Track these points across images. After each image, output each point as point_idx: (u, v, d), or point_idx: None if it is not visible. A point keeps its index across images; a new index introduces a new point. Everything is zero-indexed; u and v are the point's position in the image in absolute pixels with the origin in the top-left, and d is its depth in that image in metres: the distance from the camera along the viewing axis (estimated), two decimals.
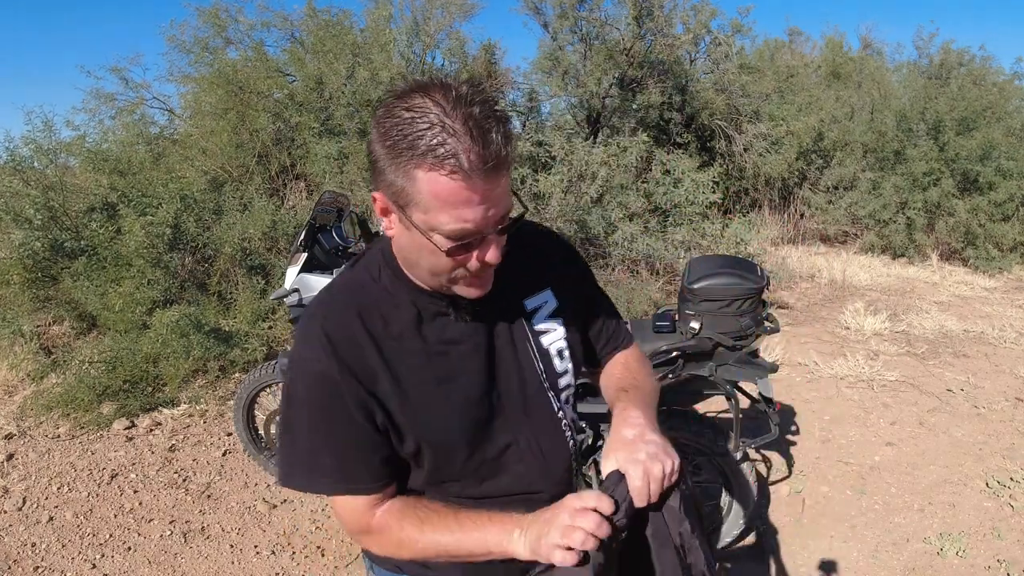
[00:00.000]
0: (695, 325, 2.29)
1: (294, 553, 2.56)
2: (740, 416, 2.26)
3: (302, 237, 2.72)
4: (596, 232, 5.34)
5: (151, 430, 3.46)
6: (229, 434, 3.41)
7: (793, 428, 3.59)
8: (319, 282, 2.61)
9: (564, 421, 1.01)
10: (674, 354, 2.31)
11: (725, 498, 2.43)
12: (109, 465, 3.10)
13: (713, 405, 3.34)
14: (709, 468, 2.37)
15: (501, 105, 0.77)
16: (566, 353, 1.02)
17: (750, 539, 2.64)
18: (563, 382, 1.01)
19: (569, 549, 0.74)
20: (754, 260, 4.77)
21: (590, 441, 1.10)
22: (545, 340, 1.00)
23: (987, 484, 3.03)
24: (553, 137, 5.88)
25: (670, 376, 2.30)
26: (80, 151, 5.13)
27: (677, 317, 2.39)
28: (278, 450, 0.93)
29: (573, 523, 0.75)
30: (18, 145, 4.59)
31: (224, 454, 3.25)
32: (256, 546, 2.59)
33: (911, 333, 5.32)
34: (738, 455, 2.29)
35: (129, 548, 2.56)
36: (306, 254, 2.69)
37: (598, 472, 1.01)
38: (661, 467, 0.82)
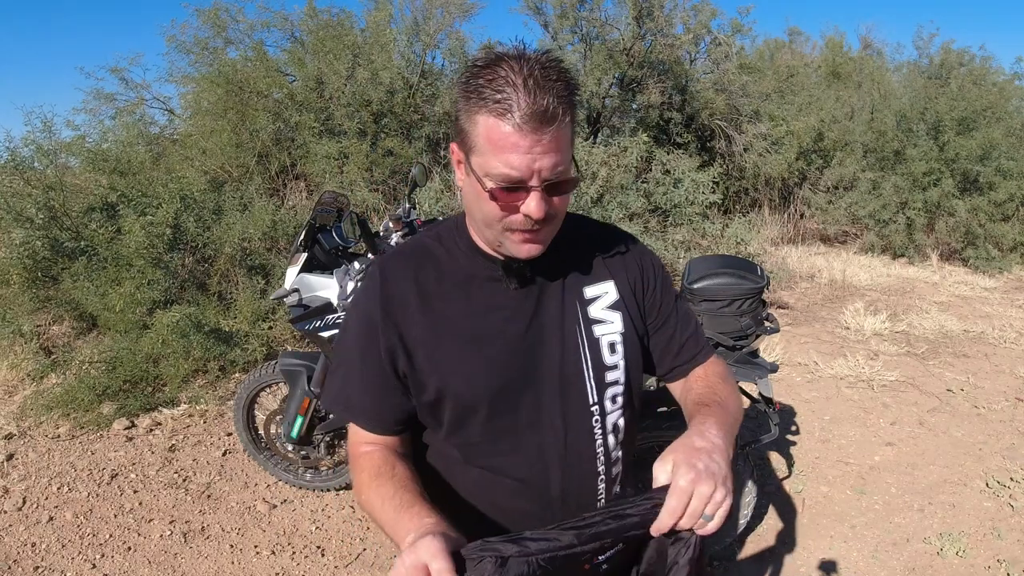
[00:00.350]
0: None
1: (294, 553, 2.56)
2: None
3: (302, 237, 2.71)
4: None
5: (151, 430, 3.46)
6: (229, 434, 3.41)
7: (793, 428, 3.59)
8: (319, 282, 2.61)
9: (596, 416, 0.97)
10: None
11: None
12: (109, 465, 3.10)
13: None
14: None
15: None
16: (619, 347, 0.99)
17: (750, 539, 2.64)
18: (610, 376, 0.98)
19: None
20: (754, 260, 4.77)
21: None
22: (598, 329, 0.98)
23: (987, 484, 3.03)
24: None
25: None
26: (80, 151, 5.13)
27: None
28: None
29: (405, 571, 0.70)
30: (18, 145, 4.59)
31: (224, 454, 3.25)
32: (256, 546, 2.59)
33: (911, 333, 5.32)
34: (737, 455, 2.29)
35: (129, 548, 2.55)
36: (306, 254, 2.68)
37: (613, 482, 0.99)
38: (712, 488, 0.76)
